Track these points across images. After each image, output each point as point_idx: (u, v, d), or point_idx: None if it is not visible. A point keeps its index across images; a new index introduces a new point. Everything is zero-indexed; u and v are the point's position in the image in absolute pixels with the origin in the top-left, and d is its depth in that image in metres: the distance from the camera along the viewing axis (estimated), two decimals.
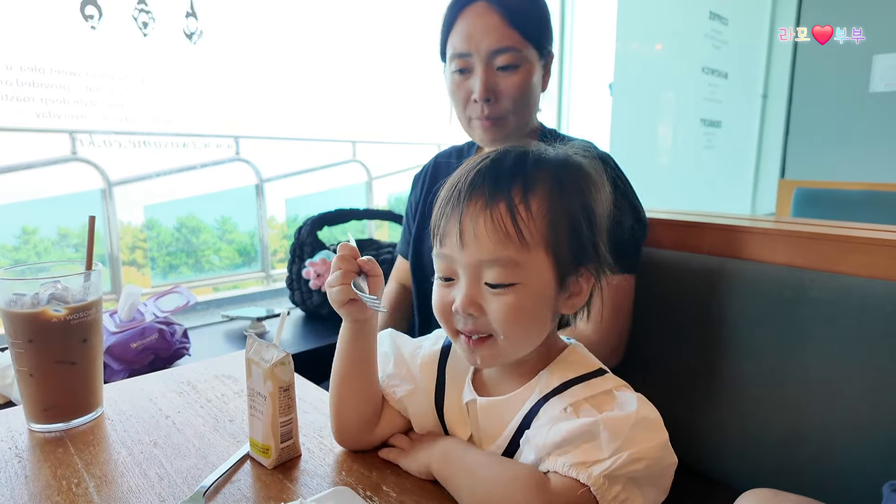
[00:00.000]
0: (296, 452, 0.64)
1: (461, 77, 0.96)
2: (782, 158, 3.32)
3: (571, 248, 0.56)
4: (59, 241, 2.23)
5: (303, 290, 1.52)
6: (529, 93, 0.97)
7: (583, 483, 0.50)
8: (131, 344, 1.05)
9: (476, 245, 0.54)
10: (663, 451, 0.52)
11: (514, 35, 0.92)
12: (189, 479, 0.60)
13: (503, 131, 0.98)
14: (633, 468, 0.50)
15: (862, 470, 0.78)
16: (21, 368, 0.68)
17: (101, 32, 1.54)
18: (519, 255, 0.53)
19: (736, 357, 0.91)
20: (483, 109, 0.95)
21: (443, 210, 0.58)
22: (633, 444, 0.50)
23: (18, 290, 0.68)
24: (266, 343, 0.62)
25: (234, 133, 2.43)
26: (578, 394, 0.55)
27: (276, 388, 0.60)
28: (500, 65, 0.93)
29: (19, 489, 0.58)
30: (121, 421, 0.73)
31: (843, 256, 0.88)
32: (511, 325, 0.54)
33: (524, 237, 0.53)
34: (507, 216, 0.53)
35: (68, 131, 1.84)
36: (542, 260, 0.54)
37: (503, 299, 0.54)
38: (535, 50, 0.96)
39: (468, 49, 0.93)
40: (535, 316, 0.56)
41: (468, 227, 0.54)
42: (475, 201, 0.55)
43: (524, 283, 0.54)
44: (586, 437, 0.51)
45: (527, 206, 0.54)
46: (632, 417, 0.52)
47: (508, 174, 0.55)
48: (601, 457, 0.50)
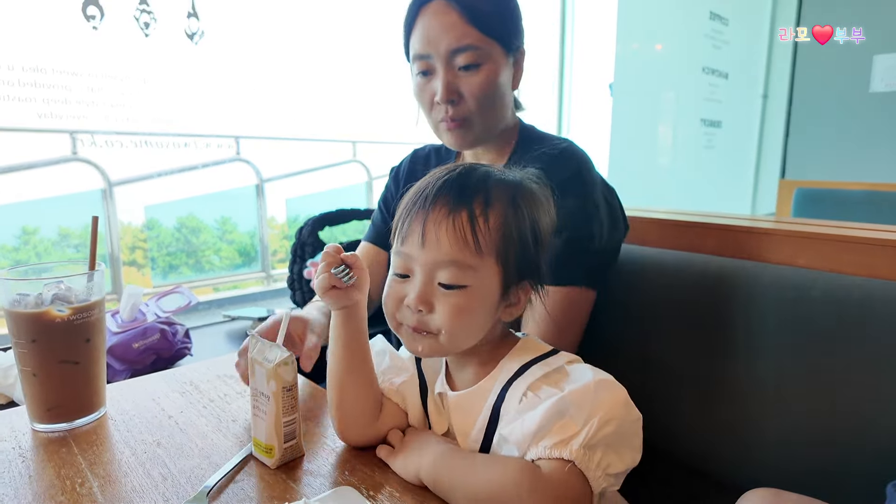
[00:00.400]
0: (299, 452, 0.64)
1: (424, 79, 0.93)
2: (783, 158, 3.32)
3: (517, 262, 0.61)
4: (59, 241, 2.23)
5: (304, 290, 1.52)
6: (495, 92, 0.92)
7: (566, 459, 0.53)
8: (133, 344, 1.05)
9: (436, 246, 0.59)
10: (626, 407, 0.57)
11: (473, 33, 0.88)
12: (192, 479, 0.60)
13: (470, 133, 0.94)
14: (606, 431, 0.55)
15: (864, 470, 0.78)
16: (24, 368, 0.68)
17: (102, 33, 1.54)
18: (473, 260, 0.59)
19: (737, 357, 0.91)
20: (447, 111, 0.92)
21: (408, 211, 0.63)
22: (599, 409, 0.55)
23: (22, 290, 0.68)
24: (270, 343, 0.62)
25: (234, 133, 2.44)
26: (536, 373, 0.60)
27: (279, 388, 0.60)
28: (462, 64, 0.89)
29: (23, 489, 0.58)
30: (124, 421, 0.73)
31: (845, 256, 0.88)
32: (455, 323, 0.60)
33: (479, 245, 0.59)
34: (468, 224, 0.59)
35: (69, 131, 1.84)
36: (492, 268, 0.60)
37: (452, 299, 0.59)
38: (500, 47, 0.92)
39: (427, 50, 0.90)
40: (477, 318, 0.61)
41: (430, 230, 0.60)
42: (440, 207, 0.60)
43: (473, 286, 0.59)
44: (557, 417, 0.55)
45: (485, 219, 0.60)
46: (591, 385, 0.56)
47: (472, 187, 0.61)
48: (575, 430, 0.54)
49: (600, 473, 0.55)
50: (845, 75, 3.07)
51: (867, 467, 0.78)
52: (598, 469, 0.54)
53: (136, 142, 2.00)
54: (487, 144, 0.99)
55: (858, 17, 2.95)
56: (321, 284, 0.64)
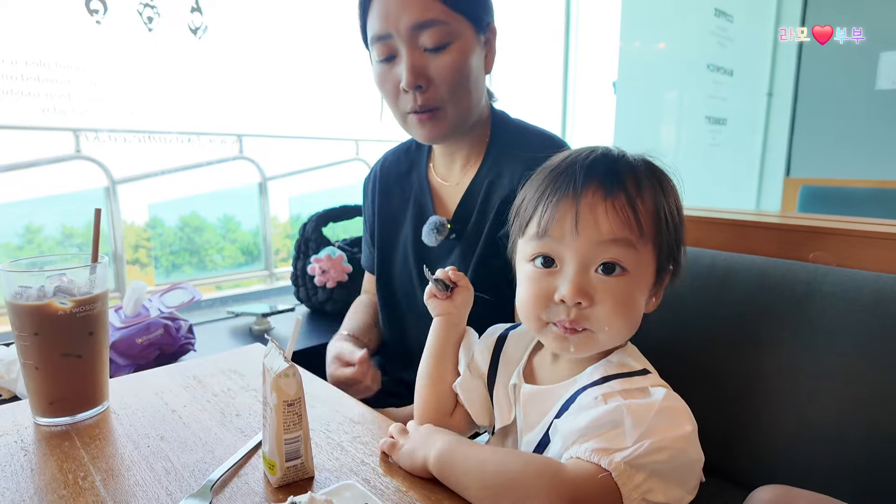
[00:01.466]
0: (306, 474, 0.59)
1: (386, 66, 0.83)
2: (788, 156, 3.31)
3: (668, 247, 0.59)
4: (63, 240, 2.22)
5: (308, 287, 1.52)
6: (468, 75, 0.83)
7: (604, 468, 0.50)
8: (137, 339, 1.04)
9: (595, 229, 0.55)
10: (687, 443, 0.52)
11: (437, 6, 0.78)
12: (196, 473, 0.59)
13: (443, 124, 0.85)
14: (656, 458, 0.50)
15: (876, 467, 0.77)
16: (27, 361, 0.68)
17: (106, 27, 1.53)
18: (637, 242, 0.55)
19: (746, 353, 0.90)
20: (415, 99, 0.82)
21: (546, 198, 0.58)
22: (655, 433, 0.50)
23: (24, 282, 0.67)
24: (280, 351, 0.59)
25: (237, 131, 2.43)
26: (615, 387, 0.56)
27: (280, 401, 0.56)
28: (429, 45, 0.79)
29: (25, 483, 0.57)
30: (127, 415, 0.72)
31: (856, 251, 0.87)
32: (619, 316, 0.56)
33: (642, 226, 0.55)
34: (628, 206, 0.55)
35: (72, 129, 1.84)
36: (650, 254, 0.57)
37: (614, 288, 0.55)
38: (470, 23, 0.82)
39: (387, 29, 0.79)
40: (638, 309, 0.59)
41: (586, 213, 0.55)
42: (593, 191, 0.56)
43: (633, 273, 0.56)
44: (610, 425, 0.52)
45: (643, 200, 0.56)
46: (655, 406, 0.52)
47: (622, 170, 0.58)
48: (624, 444, 0.50)
49: (637, 496, 0.50)
50: (851, 73, 3.06)
51: (880, 464, 0.77)
52: (635, 490, 0.50)
53: (139, 137, 2.00)
54: (460, 137, 0.91)
55: (864, 13, 2.94)
56: (427, 290, 0.69)
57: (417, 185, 0.99)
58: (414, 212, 0.98)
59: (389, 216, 1.02)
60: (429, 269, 0.70)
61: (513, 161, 0.87)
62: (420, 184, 0.99)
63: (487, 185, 0.89)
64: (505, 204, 0.84)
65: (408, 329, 1.01)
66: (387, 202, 1.03)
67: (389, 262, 1.02)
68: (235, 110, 2.30)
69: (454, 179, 0.96)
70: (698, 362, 0.96)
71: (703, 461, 0.54)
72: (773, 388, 0.87)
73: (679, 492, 0.53)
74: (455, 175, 0.96)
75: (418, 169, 1.00)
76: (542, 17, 2.93)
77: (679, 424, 0.52)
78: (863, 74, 3.01)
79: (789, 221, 0.96)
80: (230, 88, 2.16)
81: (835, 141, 3.17)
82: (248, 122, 2.42)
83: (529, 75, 3.17)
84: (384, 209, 1.03)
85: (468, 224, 0.91)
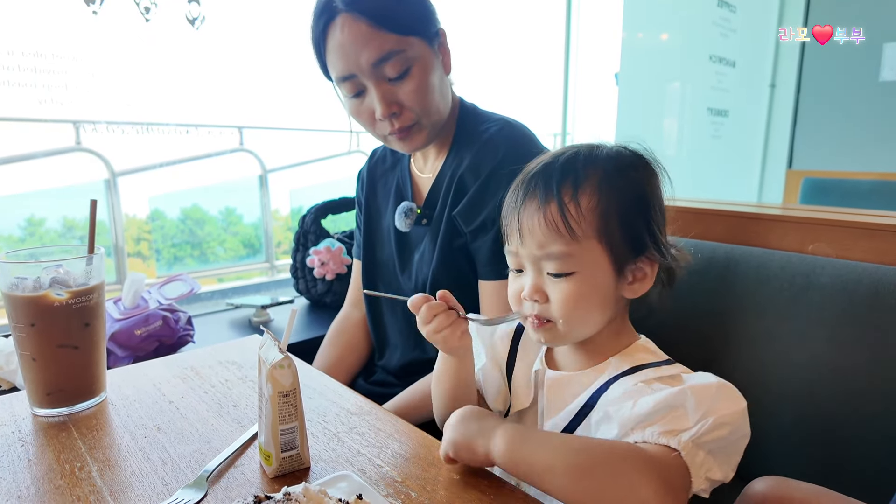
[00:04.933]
0: (302, 464, 0.59)
1: (357, 101, 0.88)
2: (790, 148, 3.29)
3: (625, 238, 0.61)
4: (64, 232, 2.23)
5: (307, 279, 1.52)
6: (433, 89, 0.89)
7: (674, 448, 0.52)
8: (135, 331, 1.05)
9: (532, 241, 0.61)
10: (744, 418, 0.55)
11: (390, 38, 0.82)
12: (192, 464, 0.59)
13: (422, 135, 0.91)
14: (718, 434, 0.53)
15: (874, 459, 0.77)
16: (24, 353, 0.68)
17: (103, 17, 1.52)
18: (570, 248, 0.59)
19: (745, 345, 0.90)
20: (392, 125, 0.88)
21: (506, 211, 0.65)
22: (717, 411, 0.53)
23: (20, 273, 0.67)
24: (275, 342, 0.59)
25: (237, 123, 2.42)
26: (649, 374, 0.60)
27: (275, 392, 0.56)
28: (392, 76, 0.84)
29: (22, 473, 0.58)
30: (124, 406, 0.73)
31: (854, 243, 0.87)
32: (569, 310, 0.61)
33: (573, 231, 0.59)
34: (558, 214, 0.59)
35: (72, 121, 1.84)
36: (596, 250, 0.60)
37: (562, 287, 0.60)
38: (422, 40, 0.86)
39: (349, 69, 0.84)
40: (592, 302, 0.61)
41: (525, 224, 0.61)
42: (530, 201, 0.62)
43: (580, 272, 0.60)
44: (670, 408, 0.54)
45: (576, 204, 0.60)
46: (714, 386, 0.55)
47: (559, 175, 0.62)
48: (688, 424, 0.53)
49: (702, 474, 0.54)
50: (854, 64, 3.03)
51: (878, 457, 0.77)
52: (700, 468, 0.53)
53: (138, 129, 2.00)
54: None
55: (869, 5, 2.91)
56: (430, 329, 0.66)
57: (400, 176, 1.06)
58: (395, 202, 1.04)
59: (374, 207, 1.09)
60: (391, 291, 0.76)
61: (472, 147, 0.93)
62: (402, 175, 1.06)
63: (452, 172, 0.95)
64: (460, 184, 0.91)
65: (385, 315, 1.07)
66: (373, 194, 1.10)
67: (373, 251, 1.08)
68: (235, 102, 2.30)
69: (428, 170, 1.02)
70: (696, 353, 0.96)
71: (749, 436, 0.56)
72: (770, 380, 0.87)
73: (727, 469, 0.56)
74: (429, 166, 1.02)
75: (402, 162, 1.07)
76: (543, 8, 2.91)
77: (736, 401, 0.55)
78: (866, 66, 2.99)
79: (789, 213, 0.95)
80: (229, 80, 2.16)
81: (838, 133, 3.15)
82: (248, 114, 2.42)
83: (530, 67, 3.15)
84: (370, 200, 1.10)
85: (435, 209, 0.96)
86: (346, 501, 0.49)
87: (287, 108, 2.53)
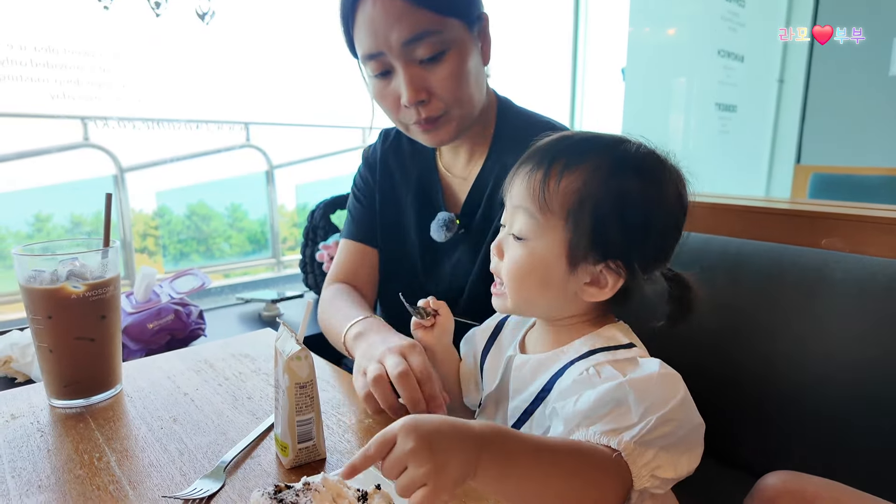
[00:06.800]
0: (318, 455, 0.59)
1: (383, 81, 0.80)
2: (798, 143, 3.27)
3: (592, 233, 0.58)
4: (72, 228, 2.24)
5: (316, 274, 1.52)
6: (468, 78, 0.80)
7: (614, 449, 0.50)
8: (148, 324, 1.05)
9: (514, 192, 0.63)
10: (688, 409, 0.54)
11: (425, 15, 0.74)
12: (209, 455, 0.60)
13: (450, 129, 0.83)
14: (663, 430, 0.51)
15: (887, 454, 0.77)
16: (41, 344, 0.68)
17: (114, 12, 1.53)
18: (536, 213, 0.60)
19: (757, 339, 0.90)
20: (419, 113, 0.80)
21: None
22: (660, 406, 0.51)
23: (38, 266, 0.68)
24: (292, 334, 0.60)
25: (244, 119, 2.43)
26: (601, 359, 0.58)
27: (292, 384, 0.56)
28: (424, 57, 0.76)
29: (42, 463, 0.58)
30: (140, 398, 0.73)
31: (868, 237, 0.86)
32: (513, 278, 0.62)
33: (545, 199, 0.59)
34: (540, 181, 0.60)
35: (80, 117, 1.84)
36: (557, 228, 0.59)
37: (515, 251, 0.62)
38: (462, 23, 0.78)
39: (378, 47, 0.76)
40: (537, 278, 0.61)
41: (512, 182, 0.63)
42: (525, 164, 0.63)
43: (534, 241, 0.60)
44: (613, 403, 0.52)
45: (558, 180, 0.59)
46: (654, 377, 0.53)
47: (561, 150, 0.61)
48: (631, 421, 0.51)
49: (646, 473, 0.51)
50: (864, 58, 3.01)
51: (891, 452, 0.77)
52: (644, 468, 0.50)
53: (148, 125, 2.00)
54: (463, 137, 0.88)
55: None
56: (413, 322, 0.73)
57: (426, 174, 0.97)
58: (420, 201, 0.96)
59: (392, 196, 0.99)
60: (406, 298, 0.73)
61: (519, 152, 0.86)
62: (429, 174, 0.97)
63: (494, 178, 0.88)
64: None
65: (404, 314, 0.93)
66: (388, 180, 1.00)
67: (392, 242, 0.98)
68: (242, 97, 2.30)
69: (459, 171, 0.95)
70: (708, 348, 0.96)
71: (703, 426, 0.55)
72: (782, 375, 0.87)
73: (686, 461, 0.53)
74: (460, 167, 0.95)
75: (424, 156, 0.98)
76: (550, 3, 2.90)
77: (677, 391, 0.53)
78: (876, 60, 2.96)
79: (801, 207, 0.95)
80: (237, 75, 2.16)
81: (846, 128, 3.13)
82: (254, 110, 2.42)
83: (537, 62, 3.14)
84: (385, 186, 1.00)
85: (475, 218, 0.90)
86: (364, 492, 0.49)
87: (292, 104, 2.53)
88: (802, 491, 0.64)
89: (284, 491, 0.47)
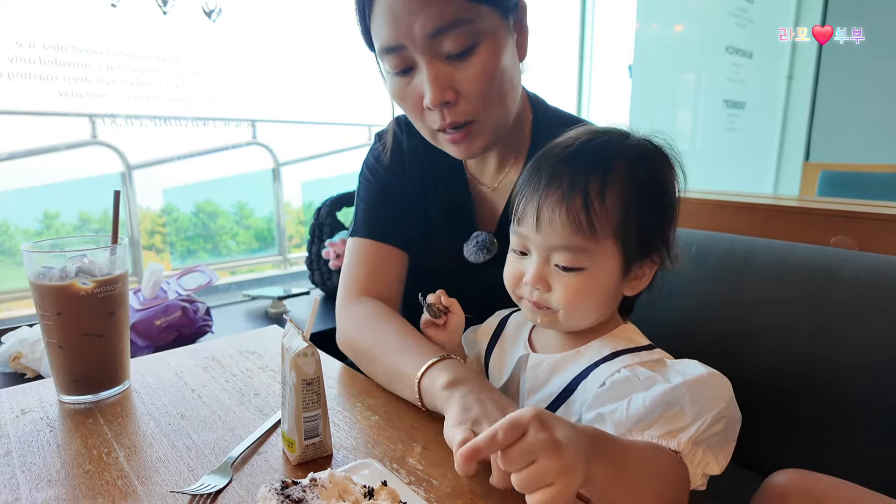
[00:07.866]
0: (325, 452, 0.60)
1: (403, 80, 0.70)
2: (807, 140, 3.25)
3: (640, 238, 0.60)
4: (80, 225, 2.25)
5: (322, 271, 1.53)
6: (501, 77, 0.69)
7: (673, 450, 0.52)
8: (155, 321, 1.06)
9: (550, 231, 0.59)
10: (734, 405, 0.55)
11: (454, 1, 0.63)
12: (217, 451, 0.60)
13: (479, 140, 0.72)
14: (715, 429, 0.53)
15: (895, 453, 0.76)
16: (51, 340, 0.69)
17: (121, 10, 1.54)
18: (588, 244, 0.58)
19: (765, 338, 0.90)
20: (444, 116, 0.69)
21: (522, 193, 0.62)
22: (714, 405, 0.53)
23: (47, 262, 0.68)
24: (298, 331, 0.60)
25: (251, 116, 2.43)
26: (628, 360, 0.59)
27: (298, 381, 0.56)
28: (452, 52, 0.65)
29: (52, 458, 0.59)
30: (148, 394, 0.74)
31: (878, 235, 0.86)
32: (572, 304, 0.60)
33: (595, 229, 0.57)
34: (582, 210, 0.57)
35: (88, 115, 1.85)
36: (611, 249, 0.59)
37: (569, 281, 0.59)
38: (496, 11, 0.67)
39: (398, 39, 0.65)
40: (596, 298, 0.61)
41: (545, 213, 0.58)
42: (554, 190, 0.58)
43: (591, 268, 0.59)
44: (667, 406, 0.53)
45: (601, 200, 0.57)
46: (706, 378, 0.54)
47: (587, 166, 0.59)
48: (686, 423, 0.52)
49: (700, 472, 0.53)
50: (874, 55, 2.98)
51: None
52: (698, 467, 0.53)
53: (155, 122, 2.01)
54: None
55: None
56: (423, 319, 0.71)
57: (451, 182, 0.86)
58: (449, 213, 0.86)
59: (418, 194, 0.88)
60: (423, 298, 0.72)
61: None
62: (455, 181, 0.86)
63: None
64: None
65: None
66: (413, 176, 0.88)
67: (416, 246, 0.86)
68: (248, 95, 2.31)
69: (488, 180, 0.85)
70: (716, 346, 0.95)
71: (741, 420, 0.56)
72: (790, 374, 0.86)
73: (724, 456, 0.55)
74: (489, 176, 0.85)
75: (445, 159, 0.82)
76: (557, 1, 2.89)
77: (726, 390, 0.55)
78: (886, 57, 2.93)
79: (810, 205, 0.94)
80: (243, 72, 2.16)
81: (856, 125, 3.10)
82: (261, 107, 2.43)
83: (544, 58, 3.13)
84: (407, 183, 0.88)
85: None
86: (370, 488, 0.49)
87: (299, 102, 2.54)
88: (811, 489, 0.64)
89: (291, 487, 0.47)
